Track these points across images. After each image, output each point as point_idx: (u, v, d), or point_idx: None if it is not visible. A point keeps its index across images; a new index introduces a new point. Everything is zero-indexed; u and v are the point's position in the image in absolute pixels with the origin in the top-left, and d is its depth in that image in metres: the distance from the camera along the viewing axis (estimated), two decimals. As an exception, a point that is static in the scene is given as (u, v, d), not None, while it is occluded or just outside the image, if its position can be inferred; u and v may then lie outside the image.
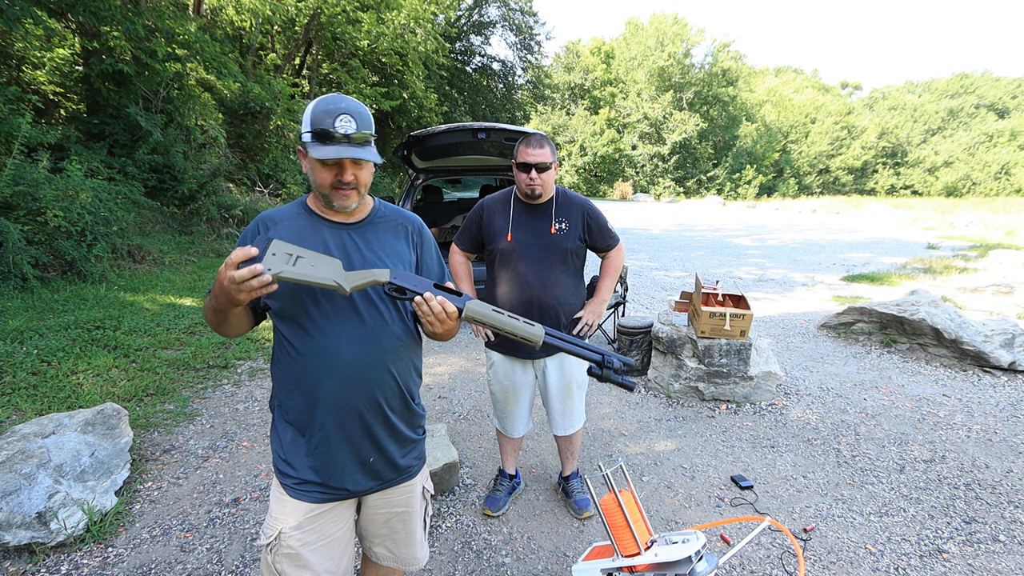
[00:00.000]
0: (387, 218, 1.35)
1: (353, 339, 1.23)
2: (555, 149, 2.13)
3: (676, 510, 2.54)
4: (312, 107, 1.17)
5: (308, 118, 1.17)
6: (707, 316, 3.58)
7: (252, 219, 1.27)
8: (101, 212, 5.67)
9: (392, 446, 1.33)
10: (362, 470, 1.30)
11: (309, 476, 1.27)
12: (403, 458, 1.37)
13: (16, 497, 2.13)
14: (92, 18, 6.48)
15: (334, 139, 1.14)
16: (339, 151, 1.13)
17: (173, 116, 8.30)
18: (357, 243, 1.27)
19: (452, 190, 13.53)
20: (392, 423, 1.32)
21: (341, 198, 1.21)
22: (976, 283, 7.17)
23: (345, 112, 1.15)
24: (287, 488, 1.29)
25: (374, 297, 1.26)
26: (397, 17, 15.10)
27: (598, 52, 42.82)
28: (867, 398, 3.79)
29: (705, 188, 37.52)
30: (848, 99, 61.20)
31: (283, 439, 1.29)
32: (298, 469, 1.27)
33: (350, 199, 1.22)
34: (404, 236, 1.35)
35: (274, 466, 1.32)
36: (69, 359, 3.69)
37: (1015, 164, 41.84)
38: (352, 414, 1.26)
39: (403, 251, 1.33)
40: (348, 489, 1.30)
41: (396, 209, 1.39)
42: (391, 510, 1.41)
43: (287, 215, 1.27)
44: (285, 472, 1.29)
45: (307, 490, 1.27)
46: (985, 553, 2.24)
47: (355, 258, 1.26)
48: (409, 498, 1.42)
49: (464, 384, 4.01)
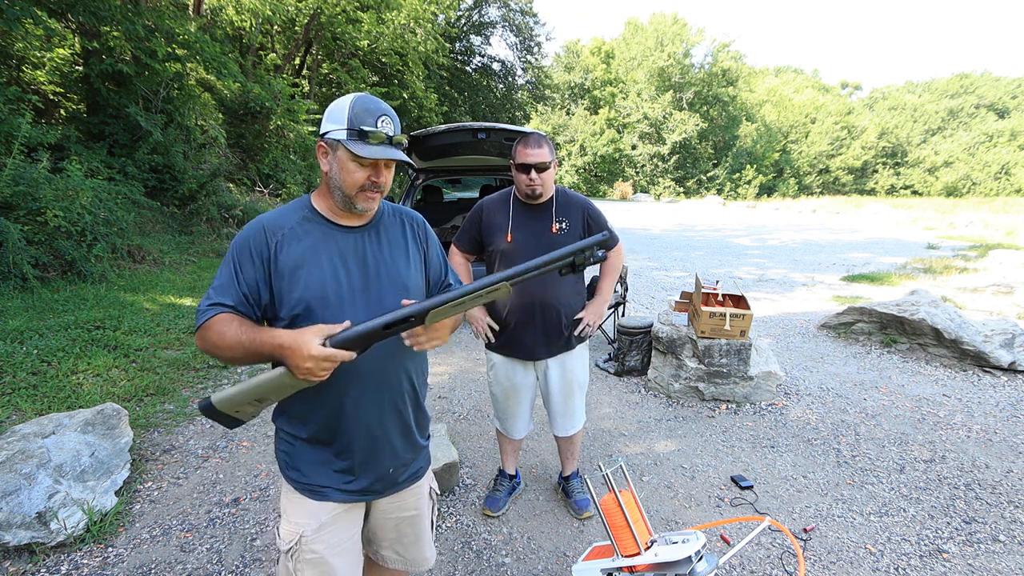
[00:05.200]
0: (391, 215, 1.33)
1: (377, 345, 1.19)
2: (554, 148, 2.13)
3: (676, 510, 2.54)
4: (350, 105, 1.14)
5: (345, 115, 1.13)
6: (707, 316, 3.58)
7: (250, 219, 1.23)
8: (101, 212, 5.67)
9: (407, 449, 1.33)
10: (382, 473, 1.29)
11: (330, 482, 1.25)
12: (414, 460, 1.37)
13: (16, 497, 2.13)
14: (92, 18, 6.47)
15: (377, 138, 1.13)
16: (385, 151, 1.13)
17: (173, 116, 8.30)
18: (373, 247, 1.25)
19: (452, 190, 13.53)
20: (408, 425, 1.32)
21: (367, 200, 1.19)
22: (976, 283, 7.17)
23: (386, 114, 1.15)
24: (305, 491, 1.25)
25: (384, 293, 1.24)
26: (397, 17, 15.10)
27: (598, 52, 42.82)
28: (867, 398, 3.79)
29: (705, 188, 37.52)
30: (848, 99, 61.20)
31: (296, 455, 1.26)
32: (317, 476, 1.25)
33: (375, 201, 1.21)
34: (412, 233, 1.35)
35: (285, 474, 1.29)
36: (69, 359, 3.69)
37: (1015, 164, 41.83)
38: (376, 419, 1.25)
39: (412, 250, 1.33)
40: (373, 491, 1.29)
41: (397, 207, 1.38)
42: (400, 514, 1.39)
43: (291, 221, 1.21)
44: (299, 480, 1.26)
45: (328, 492, 1.25)
46: (985, 553, 2.24)
47: (371, 263, 1.24)
48: (418, 500, 1.42)
49: (464, 384, 4.01)
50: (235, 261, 1.17)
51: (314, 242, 1.19)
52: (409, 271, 1.29)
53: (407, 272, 1.29)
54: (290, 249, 1.18)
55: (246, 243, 1.18)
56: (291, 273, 1.16)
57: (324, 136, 1.16)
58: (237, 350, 1.09)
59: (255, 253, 1.17)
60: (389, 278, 1.25)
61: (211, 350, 1.13)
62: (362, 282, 1.21)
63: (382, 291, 1.23)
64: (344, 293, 1.19)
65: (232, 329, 1.10)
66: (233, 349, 1.09)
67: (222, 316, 1.13)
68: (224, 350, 1.11)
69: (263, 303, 1.19)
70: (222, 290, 1.16)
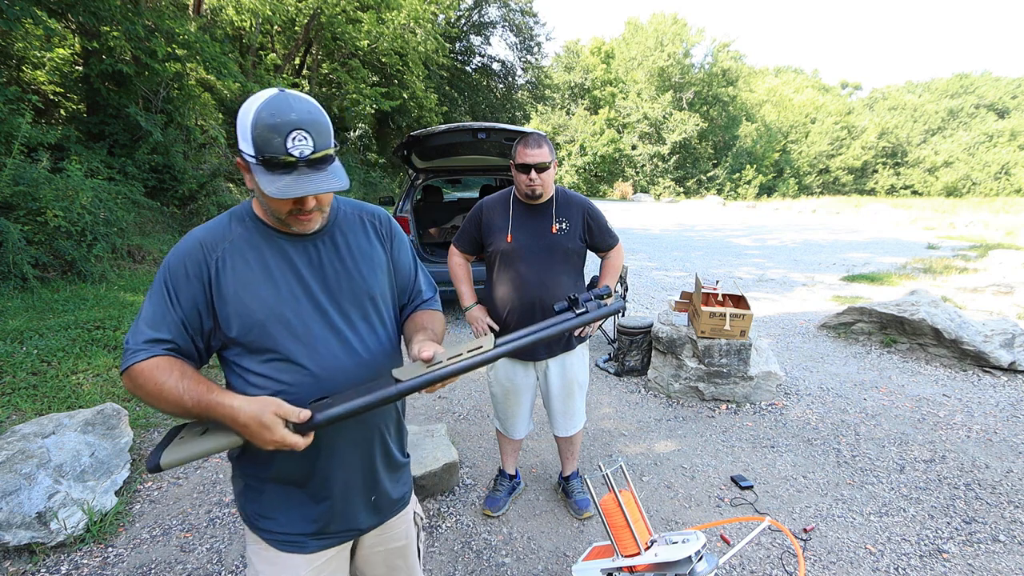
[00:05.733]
0: (349, 215, 1.14)
1: (347, 364, 1.06)
2: (553, 148, 2.13)
3: (676, 510, 2.54)
4: (252, 119, 0.89)
5: (248, 133, 0.90)
6: (707, 316, 3.58)
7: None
8: (101, 212, 5.67)
9: (388, 475, 1.20)
10: (365, 505, 1.16)
11: (305, 528, 1.09)
12: (397, 485, 1.24)
13: (16, 497, 2.13)
14: (92, 18, 6.48)
15: (288, 165, 0.89)
16: (299, 185, 0.89)
17: (173, 116, 8.30)
18: (330, 255, 1.08)
19: (452, 190, 13.52)
20: (389, 449, 1.19)
21: (301, 224, 1.00)
22: (976, 283, 7.17)
23: (298, 127, 0.89)
24: (281, 544, 1.09)
25: (348, 307, 1.08)
26: (397, 17, 15.10)
27: (598, 52, 42.81)
28: (867, 398, 3.79)
29: (705, 188, 37.51)
30: (848, 99, 61.16)
31: (267, 500, 1.09)
32: (291, 522, 1.09)
33: (312, 222, 1.02)
34: (375, 233, 1.17)
35: (253, 524, 1.11)
36: (69, 359, 3.69)
37: (1015, 164, 41.81)
38: (355, 450, 1.11)
39: (377, 254, 1.15)
40: (358, 528, 1.16)
41: (356, 203, 1.19)
42: (389, 546, 1.26)
43: (232, 234, 1.02)
44: (270, 529, 1.09)
45: (304, 541, 1.09)
46: (985, 553, 2.24)
47: (331, 274, 1.07)
48: (407, 528, 1.30)
49: (464, 384, 4.01)
50: (167, 286, 0.98)
51: (261, 256, 1.02)
52: (375, 277, 1.13)
53: (373, 279, 1.12)
54: (235, 266, 1.00)
55: (180, 264, 0.99)
56: (238, 295, 0.99)
57: (239, 150, 0.94)
58: (176, 408, 0.92)
59: (192, 274, 0.98)
60: (353, 290, 1.09)
61: (143, 399, 0.94)
62: (324, 296, 1.05)
63: (345, 305, 1.07)
64: (305, 312, 1.03)
65: (172, 382, 0.91)
66: (172, 406, 0.91)
67: (158, 362, 0.93)
68: (160, 403, 0.93)
69: (205, 331, 1.01)
70: (154, 322, 0.96)
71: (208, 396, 0.90)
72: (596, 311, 1.04)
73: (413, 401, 3.68)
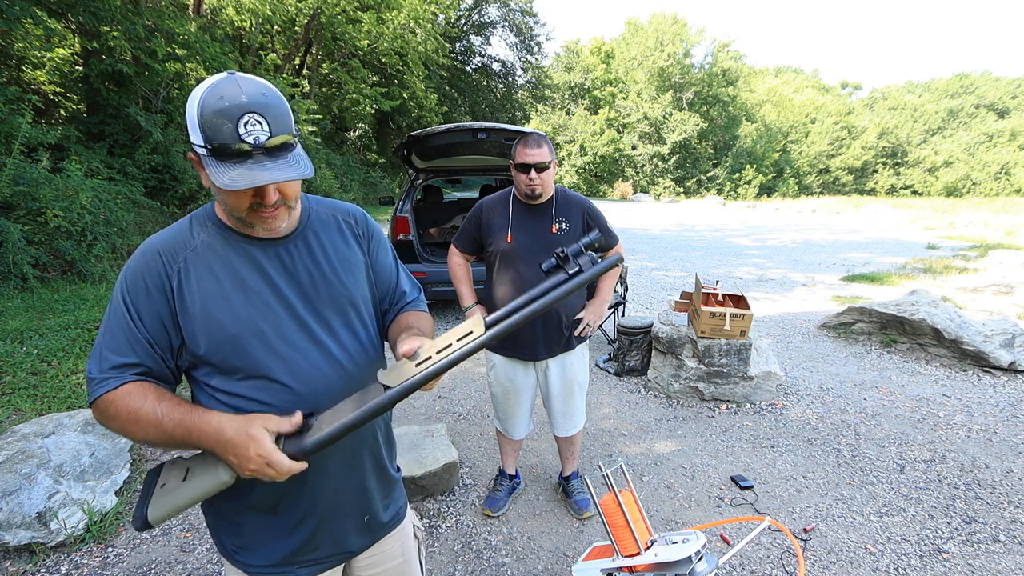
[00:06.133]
0: (323, 216, 1.06)
1: (331, 378, 0.98)
2: (553, 148, 2.13)
3: (676, 510, 2.54)
4: (199, 104, 0.80)
5: (195, 120, 0.81)
6: (707, 316, 3.58)
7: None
8: (101, 212, 5.68)
9: (380, 492, 1.13)
10: (358, 527, 1.09)
11: (291, 557, 1.02)
12: (391, 499, 1.16)
13: (16, 497, 2.13)
14: (92, 18, 6.49)
15: (241, 154, 0.80)
16: (253, 174, 0.80)
17: (173, 116, 8.31)
18: (304, 260, 0.99)
19: (452, 190, 13.52)
20: (382, 464, 1.12)
21: (265, 221, 0.90)
22: (976, 283, 7.17)
23: (250, 110, 0.80)
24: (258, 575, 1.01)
25: (328, 315, 1.00)
26: (397, 17, 15.12)
27: (598, 52, 42.81)
28: (867, 398, 3.79)
29: (705, 188, 37.52)
30: (848, 99, 61.17)
31: (249, 531, 1.01)
32: (274, 552, 1.01)
33: (278, 219, 0.92)
34: (351, 233, 1.08)
35: (234, 558, 1.03)
36: (69, 359, 3.69)
37: (1015, 164, 41.82)
38: (345, 469, 1.03)
39: (355, 256, 1.07)
40: (349, 551, 1.09)
41: (329, 202, 1.10)
42: (385, 566, 1.17)
43: (194, 241, 0.93)
44: (252, 563, 1.01)
45: (290, 571, 1.02)
46: (985, 553, 2.24)
47: (306, 280, 0.98)
48: (403, 545, 1.21)
49: (464, 384, 4.01)
50: (127, 303, 0.89)
51: (229, 264, 0.93)
52: (355, 281, 1.05)
53: (353, 283, 1.04)
54: (199, 277, 0.91)
55: (138, 277, 0.90)
56: (205, 308, 0.90)
57: (191, 142, 0.85)
58: (155, 435, 0.85)
59: (152, 287, 0.90)
60: (332, 296, 1.00)
61: (116, 431, 0.87)
62: (301, 305, 0.97)
63: (325, 313, 0.99)
64: (282, 323, 0.95)
65: (148, 406, 0.85)
66: (150, 433, 0.85)
67: (129, 388, 0.86)
68: (136, 432, 0.85)
69: (175, 348, 0.93)
70: (117, 345, 0.89)
71: (190, 416, 0.85)
72: (591, 269, 0.91)
73: (413, 401, 3.68)
